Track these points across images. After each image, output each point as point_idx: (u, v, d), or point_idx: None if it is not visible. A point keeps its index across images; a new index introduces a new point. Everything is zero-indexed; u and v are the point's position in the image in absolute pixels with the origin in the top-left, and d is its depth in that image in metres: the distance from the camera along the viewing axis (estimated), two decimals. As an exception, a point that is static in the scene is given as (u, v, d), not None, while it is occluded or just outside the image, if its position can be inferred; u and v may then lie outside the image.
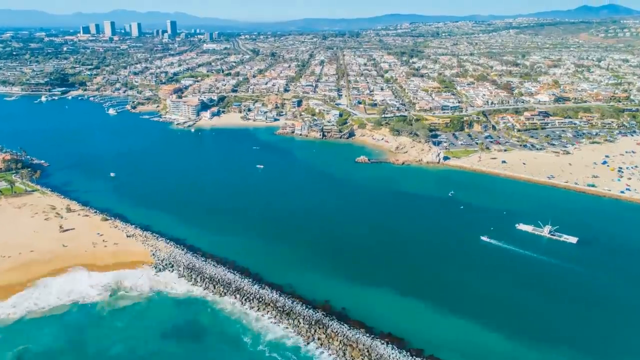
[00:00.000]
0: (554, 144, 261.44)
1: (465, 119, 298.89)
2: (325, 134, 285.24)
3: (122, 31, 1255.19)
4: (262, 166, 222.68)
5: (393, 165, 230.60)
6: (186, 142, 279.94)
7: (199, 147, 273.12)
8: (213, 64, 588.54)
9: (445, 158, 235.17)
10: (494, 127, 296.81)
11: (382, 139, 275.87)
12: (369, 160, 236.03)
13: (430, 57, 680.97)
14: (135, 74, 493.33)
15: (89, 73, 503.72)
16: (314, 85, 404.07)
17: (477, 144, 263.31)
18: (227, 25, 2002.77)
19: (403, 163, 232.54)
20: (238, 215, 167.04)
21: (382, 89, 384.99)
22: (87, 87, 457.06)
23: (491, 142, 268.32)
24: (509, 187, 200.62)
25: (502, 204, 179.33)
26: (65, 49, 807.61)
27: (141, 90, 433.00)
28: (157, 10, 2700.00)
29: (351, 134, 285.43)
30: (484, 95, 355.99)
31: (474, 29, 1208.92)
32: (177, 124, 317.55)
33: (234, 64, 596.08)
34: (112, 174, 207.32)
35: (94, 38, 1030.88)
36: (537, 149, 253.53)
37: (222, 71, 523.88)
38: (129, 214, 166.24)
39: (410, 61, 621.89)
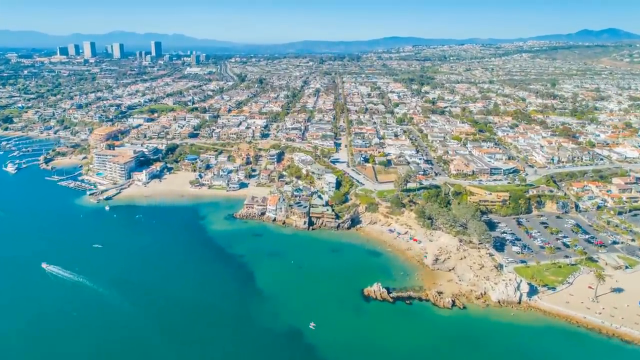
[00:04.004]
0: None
1: (531, 192, 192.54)
2: (314, 220, 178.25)
3: (105, 52, 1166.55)
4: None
5: (436, 311, 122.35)
6: (72, 247, 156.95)
7: (88, 260, 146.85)
8: (185, 93, 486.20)
9: (531, 291, 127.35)
10: (576, 207, 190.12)
11: (406, 232, 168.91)
12: (388, 293, 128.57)
13: (444, 85, 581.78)
14: (80, 106, 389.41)
15: (20, 106, 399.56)
16: (303, 128, 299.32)
17: (566, 246, 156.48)
18: (224, 46, 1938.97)
19: (454, 304, 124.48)
20: None
21: (395, 135, 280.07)
22: (11, 125, 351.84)
23: (588, 240, 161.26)
24: None
25: None
26: (26, 72, 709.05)
27: (77, 131, 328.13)
28: (155, 31, 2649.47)
29: (355, 221, 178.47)
30: (543, 146, 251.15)
31: (482, 53, 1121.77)
32: (92, 193, 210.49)
33: (210, 93, 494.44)
34: None
35: (68, 60, 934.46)
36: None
37: (193, 102, 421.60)
38: None
39: (422, 90, 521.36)
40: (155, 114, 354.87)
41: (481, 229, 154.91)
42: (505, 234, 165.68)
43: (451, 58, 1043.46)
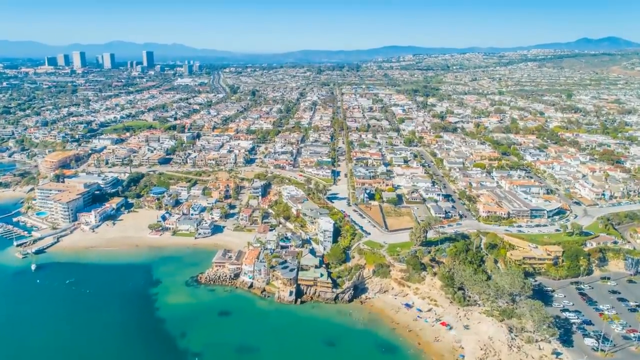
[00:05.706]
0: None
1: (589, 244, 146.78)
2: (303, 288, 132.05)
3: (96, 62, 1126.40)
4: None
5: None
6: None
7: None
8: (169, 107, 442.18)
9: None
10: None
11: (430, 310, 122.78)
12: None
13: (450, 96, 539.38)
14: (45, 124, 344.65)
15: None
16: (295, 151, 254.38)
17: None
18: (223, 56, 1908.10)
19: None
20: None
21: (405, 161, 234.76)
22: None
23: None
24: None
25: None
26: (4, 84, 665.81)
27: (34, 154, 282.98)
28: (155, 41, 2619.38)
29: (359, 289, 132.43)
30: (585, 175, 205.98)
31: (486, 62, 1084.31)
32: (20, 244, 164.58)
33: (197, 107, 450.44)
34: None
35: (54, 71, 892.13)
36: None
37: (175, 118, 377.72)
38: None
39: (428, 102, 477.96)
40: (128, 133, 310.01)
41: (540, 314, 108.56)
42: (567, 313, 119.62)
43: (454, 67, 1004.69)
